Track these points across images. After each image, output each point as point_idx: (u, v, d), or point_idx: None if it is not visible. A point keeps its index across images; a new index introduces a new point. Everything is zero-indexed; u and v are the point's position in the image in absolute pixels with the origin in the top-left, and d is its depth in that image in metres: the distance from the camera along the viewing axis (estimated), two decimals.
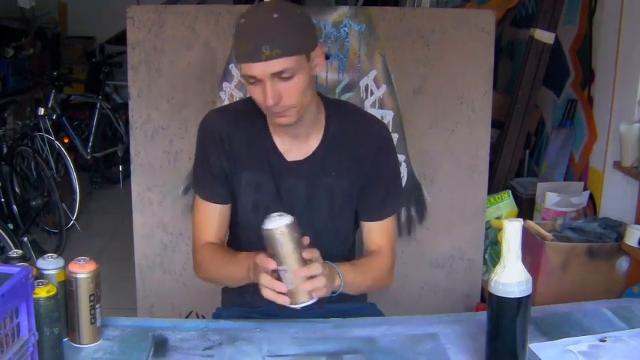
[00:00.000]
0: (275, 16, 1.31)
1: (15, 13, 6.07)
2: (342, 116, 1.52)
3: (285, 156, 1.50)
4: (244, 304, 1.63)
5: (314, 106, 1.47)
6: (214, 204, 1.54)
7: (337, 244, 1.57)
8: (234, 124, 1.51)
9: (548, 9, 3.05)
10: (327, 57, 1.61)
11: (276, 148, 1.50)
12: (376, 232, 1.56)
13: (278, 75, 1.32)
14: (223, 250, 1.53)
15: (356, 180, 1.51)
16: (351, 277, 1.40)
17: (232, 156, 1.51)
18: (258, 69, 1.31)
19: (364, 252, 1.58)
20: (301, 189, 1.50)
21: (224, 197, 1.54)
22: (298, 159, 1.50)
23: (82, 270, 1.31)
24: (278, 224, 1.23)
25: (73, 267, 1.31)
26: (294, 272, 1.25)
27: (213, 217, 1.54)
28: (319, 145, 1.49)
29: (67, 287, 1.31)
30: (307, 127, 1.48)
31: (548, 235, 2.52)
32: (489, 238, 2.90)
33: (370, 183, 1.52)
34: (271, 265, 1.26)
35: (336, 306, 1.53)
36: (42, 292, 1.20)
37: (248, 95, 1.46)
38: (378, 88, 2.56)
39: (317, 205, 1.51)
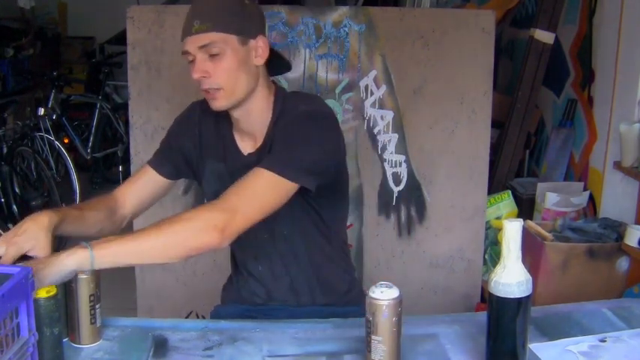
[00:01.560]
0: None
1: (15, 13, 6.07)
2: (285, 106, 1.49)
3: (243, 151, 1.53)
4: (240, 300, 1.63)
5: (260, 101, 1.47)
6: (153, 170, 1.58)
7: (298, 236, 1.55)
8: (208, 114, 1.55)
9: (548, 9, 3.05)
10: (287, 67, 1.59)
11: (235, 143, 1.54)
12: (240, 180, 1.36)
13: (206, 49, 1.37)
14: (94, 201, 1.53)
15: None
16: (110, 245, 1.25)
17: (199, 143, 1.57)
18: (190, 42, 1.38)
19: None
20: None
21: (163, 169, 1.58)
22: (250, 152, 1.53)
23: None
24: (386, 296, 1.20)
25: None
26: (387, 345, 1.21)
27: (143, 179, 1.59)
28: (265, 137, 1.50)
29: (67, 287, 1.31)
30: (257, 122, 1.49)
31: (548, 236, 2.52)
32: (489, 238, 2.90)
33: (276, 141, 1.44)
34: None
35: (336, 307, 1.53)
36: (42, 293, 1.20)
37: None
38: (378, 88, 2.56)
39: None
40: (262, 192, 1.34)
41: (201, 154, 1.57)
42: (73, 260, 1.22)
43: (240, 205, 1.30)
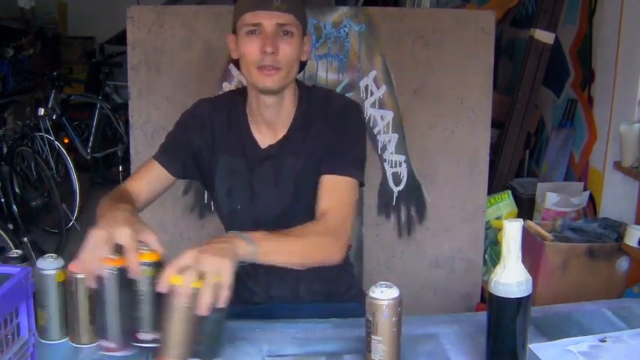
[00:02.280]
0: None
1: (15, 13, 6.08)
2: (310, 98, 1.55)
3: (260, 144, 1.54)
4: (240, 300, 1.63)
5: (291, 92, 1.52)
6: (160, 167, 1.55)
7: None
8: (218, 110, 1.57)
9: (548, 9, 3.05)
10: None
11: (252, 135, 1.55)
12: (328, 191, 1.45)
13: (282, 27, 1.41)
14: (121, 197, 1.47)
15: (318, 155, 1.51)
16: (270, 244, 1.29)
17: (212, 140, 1.56)
18: (267, 17, 1.40)
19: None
20: (269, 171, 1.54)
21: (173, 166, 1.55)
22: (271, 144, 1.54)
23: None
24: (386, 296, 1.20)
25: (73, 267, 1.31)
26: (387, 345, 1.21)
27: (150, 174, 1.55)
28: (288, 130, 1.53)
29: (67, 287, 1.31)
30: (283, 115, 1.53)
31: (548, 236, 2.52)
32: (489, 238, 2.90)
33: (330, 144, 1.49)
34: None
35: (336, 306, 1.53)
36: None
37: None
38: (378, 88, 2.56)
39: (283, 185, 1.53)
40: (350, 200, 1.47)
41: (213, 151, 1.56)
42: (242, 250, 1.21)
43: (343, 221, 1.43)
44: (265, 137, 1.54)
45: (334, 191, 1.45)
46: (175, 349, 1.13)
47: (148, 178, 1.55)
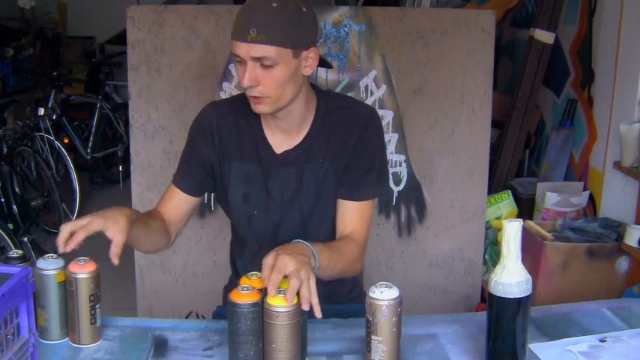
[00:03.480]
0: (274, 5, 1.34)
1: (15, 13, 6.08)
2: (329, 105, 1.54)
3: (275, 149, 1.52)
4: None
5: (302, 103, 1.48)
6: (179, 190, 1.56)
7: (324, 230, 1.57)
8: (226, 117, 1.54)
9: (548, 9, 3.05)
10: (328, 65, 1.61)
11: (267, 140, 1.52)
12: (351, 214, 1.52)
13: (259, 60, 1.35)
14: (151, 218, 1.51)
15: (340, 164, 1.52)
16: (325, 258, 1.35)
17: (221, 148, 1.53)
18: (242, 49, 1.35)
19: (337, 234, 1.54)
20: (290, 176, 1.53)
21: (191, 188, 1.56)
22: (287, 149, 1.53)
23: (82, 270, 1.30)
24: (386, 296, 1.21)
25: (73, 267, 1.31)
26: (387, 345, 1.21)
27: (173, 199, 1.56)
28: (306, 135, 1.52)
29: (67, 287, 1.31)
30: (297, 123, 1.51)
31: (548, 235, 2.52)
32: (489, 238, 2.90)
33: (351, 160, 1.52)
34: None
35: (340, 307, 1.53)
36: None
37: None
38: (378, 88, 2.56)
39: (304, 191, 1.53)
40: (371, 216, 1.56)
41: (224, 160, 1.54)
42: (312, 263, 1.28)
43: (366, 238, 1.53)
44: (281, 142, 1.52)
45: (357, 213, 1.52)
46: None
47: (172, 204, 1.56)
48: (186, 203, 1.56)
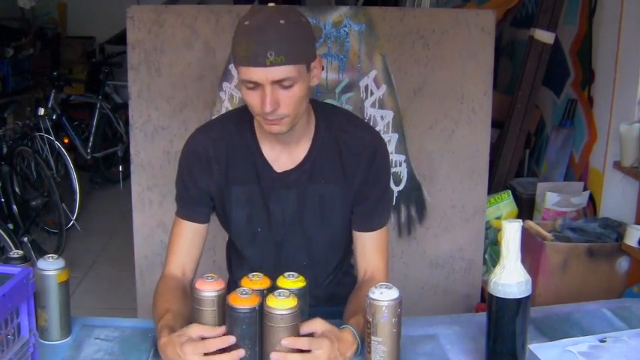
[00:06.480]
0: (282, 22, 1.28)
1: (15, 13, 6.08)
2: (331, 123, 1.49)
3: (274, 166, 1.47)
4: None
5: (305, 115, 1.44)
6: (189, 222, 1.51)
7: (330, 251, 1.57)
8: (220, 142, 1.48)
9: (548, 9, 3.05)
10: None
11: (265, 159, 1.47)
12: (370, 248, 1.51)
13: (279, 82, 1.30)
14: (170, 295, 1.43)
15: (346, 186, 1.49)
16: (362, 329, 1.30)
17: (220, 174, 1.48)
18: (261, 74, 1.28)
19: (359, 270, 1.53)
20: (292, 198, 1.49)
21: (199, 215, 1.51)
22: (287, 169, 1.48)
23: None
24: (386, 297, 1.20)
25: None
26: (387, 346, 1.22)
27: (186, 235, 1.51)
28: (308, 154, 1.47)
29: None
30: (297, 136, 1.46)
31: (548, 235, 2.52)
32: (489, 238, 2.90)
33: (363, 192, 1.49)
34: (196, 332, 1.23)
35: (336, 308, 1.52)
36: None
37: (237, 106, 1.44)
38: (378, 88, 2.56)
39: (308, 212, 1.50)
40: (387, 241, 1.55)
41: (225, 184, 1.49)
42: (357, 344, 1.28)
43: (386, 269, 1.53)
44: (281, 160, 1.47)
45: (375, 243, 1.52)
46: None
47: (187, 243, 1.50)
48: (198, 234, 1.51)
